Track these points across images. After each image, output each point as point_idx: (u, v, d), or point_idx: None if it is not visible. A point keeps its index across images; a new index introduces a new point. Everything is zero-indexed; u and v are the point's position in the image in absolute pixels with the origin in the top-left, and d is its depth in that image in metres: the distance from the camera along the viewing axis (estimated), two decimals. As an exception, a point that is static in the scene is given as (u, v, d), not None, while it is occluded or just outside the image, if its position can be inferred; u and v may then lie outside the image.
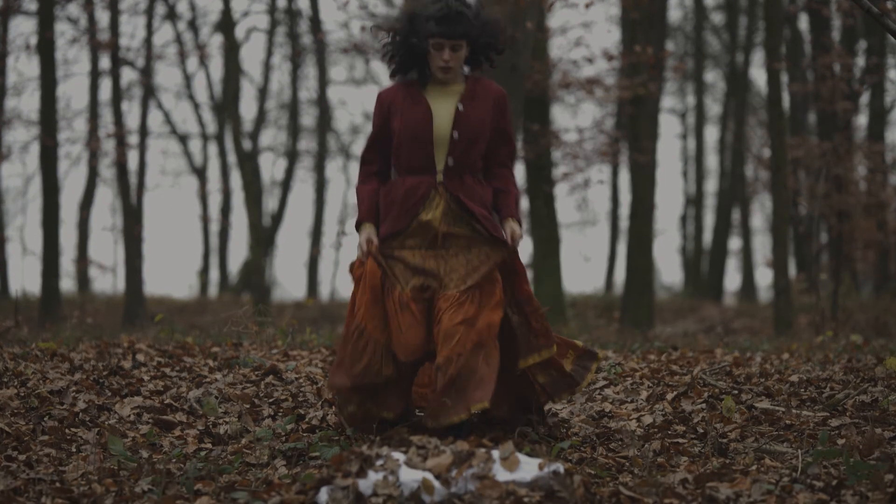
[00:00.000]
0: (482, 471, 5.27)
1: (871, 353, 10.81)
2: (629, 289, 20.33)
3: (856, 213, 23.36)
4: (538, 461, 5.34)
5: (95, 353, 9.53)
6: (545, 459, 5.36)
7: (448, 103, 6.57)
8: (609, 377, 9.21)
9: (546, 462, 5.33)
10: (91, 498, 5.45)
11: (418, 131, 6.50)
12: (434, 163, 6.53)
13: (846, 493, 5.37)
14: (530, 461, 5.36)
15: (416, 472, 5.27)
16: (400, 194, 6.55)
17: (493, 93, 6.63)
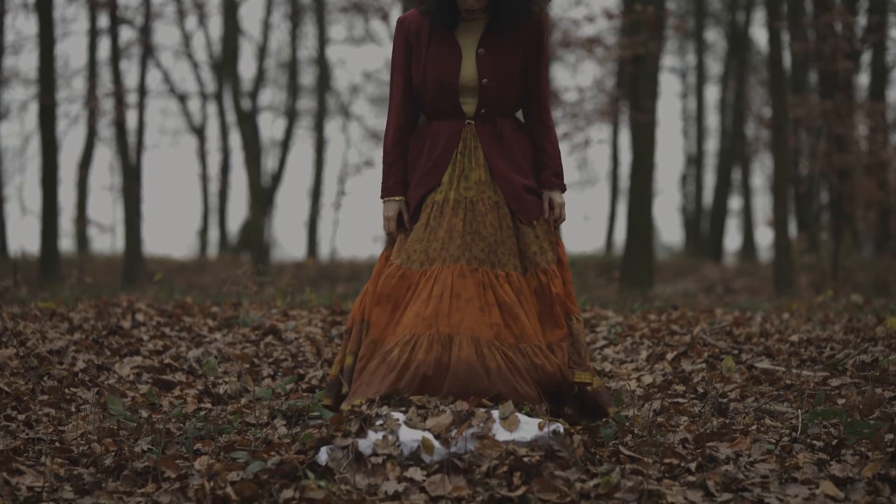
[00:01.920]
0: (482, 430, 5.26)
1: (872, 312, 10.81)
2: (629, 248, 20.32)
3: (857, 173, 23.31)
4: (538, 421, 5.33)
5: (95, 313, 9.52)
6: (545, 419, 5.35)
7: (474, 41, 5.87)
8: (609, 337, 9.21)
9: (546, 422, 5.32)
10: (90, 457, 5.44)
11: (444, 76, 5.83)
12: (462, 111, 5.88)
13: (846, 452, 5.36)
14: (530, 421, 5.35)
15: (416, 432, 5.26)
16: (427, 145, 5.92)
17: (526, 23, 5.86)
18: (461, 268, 5.65)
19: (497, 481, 4.96)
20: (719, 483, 4.93)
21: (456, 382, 5.48)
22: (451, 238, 5.69)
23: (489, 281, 5.66)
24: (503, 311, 5.62)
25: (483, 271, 5.67)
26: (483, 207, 5.74)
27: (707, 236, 35.38)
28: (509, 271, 5.73)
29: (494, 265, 5.70)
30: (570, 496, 4.78)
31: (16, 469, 5.18)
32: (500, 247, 5.74)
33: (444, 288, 5.61)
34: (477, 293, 5.62)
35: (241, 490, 4.81)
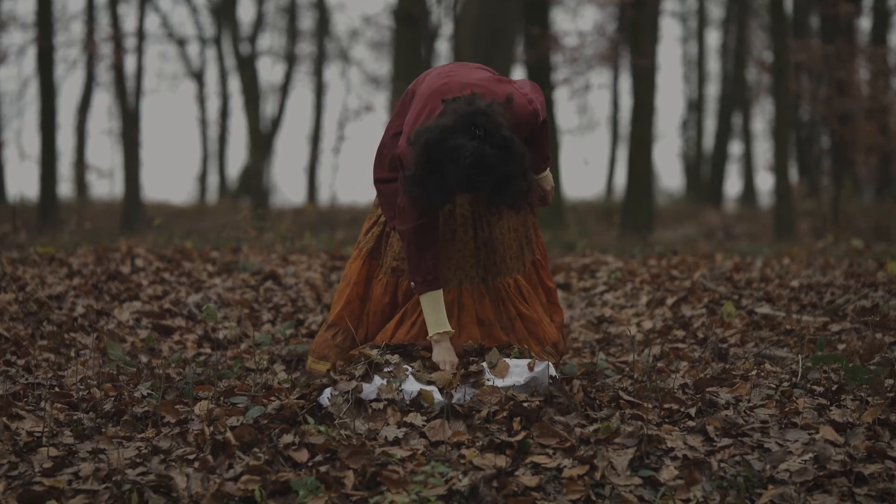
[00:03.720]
0: (478, 381, 5.29)
1: (872, 258, 10.79)
2: (629, 194, 20.27)
3: (858, 117, 23.24)
4: (526, 361, 5.33)
5: (94, 258, 9.50)
6: (532, 360, 5.35)
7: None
8: (609, 282, 9.20)
9: (534, 362, 5.32)
10: (90, 402, 5.45)
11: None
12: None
13: (846, 397, 5.36)
14: (519, 363, 5.35)
15: (419, 384, 5.27)
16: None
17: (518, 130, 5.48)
18: (480, 289, 5.67)
19: (497, 427, 4.96)
20: (719, 428, 4.93)
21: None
22: (465, 257, 5.68)
23: (506, 293, 5.70)
24: (524, 322, 5.72)
25: (497, 284, 5.70)
26: (493, 217, 5.73)
27: (707, 182, 35.31)
28: (517, 277, 5.77)
29: (505, 274, 5.73)
30: (570, 441, 4.78)
31: (15, 414, 5.18)
32: (509, 251, 5.76)
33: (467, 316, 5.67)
34: (497, 314, 5.66)
35: (240, 435, 4.81)
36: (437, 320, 5.49)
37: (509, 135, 5.11)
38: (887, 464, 4.60)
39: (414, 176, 5.21)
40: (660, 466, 4.63)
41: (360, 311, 5.81)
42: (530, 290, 5.83)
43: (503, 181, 5.15)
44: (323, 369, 5.74)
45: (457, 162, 5.06)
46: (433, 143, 5.10)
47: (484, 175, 5.09)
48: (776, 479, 4.50)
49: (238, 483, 4.47)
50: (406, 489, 4.43)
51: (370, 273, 5.85)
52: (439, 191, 5.24)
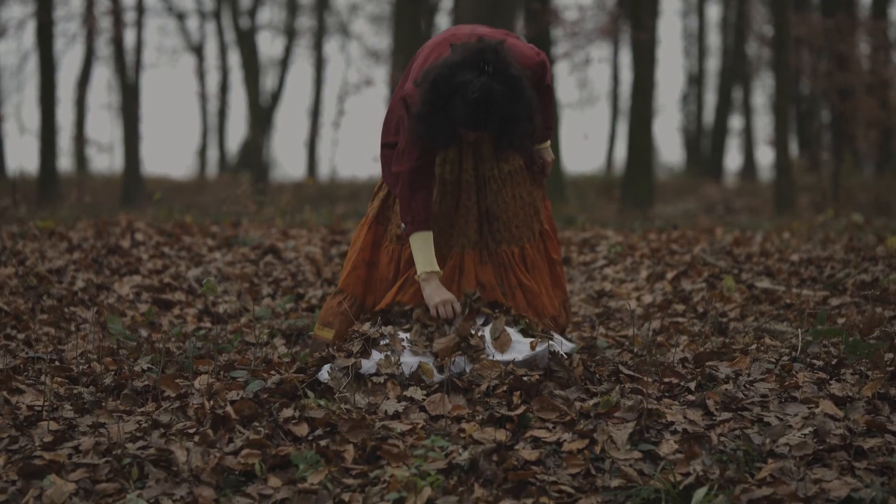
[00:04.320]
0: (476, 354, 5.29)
1: (872, 232, 10.79)
2: (630, 168, 20.26)
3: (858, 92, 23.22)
4: (530, 340, 5.33)
5: (94, 233, 9.50)
6: (536, 338, 5.35)
7: None
8: (609, 256, 9.20)
9: (538, 341, 5.32)
10: (90, 377, 5.45)
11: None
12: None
13: (846, 371, 5.36)
14: (522, 340, 5.35)
15: (418, 357, 5.27)
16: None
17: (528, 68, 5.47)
18: (482, 255, 5.63)
19: (497, 401, 4.97)
20: (719, 402, 4.93)
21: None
22: (468, 223, 5.65)
23: (508, 262, 5.65)
24: (524, 292, 5.67)
25: (500, 252, 5.66)
26: (496, 185, 5.69)
27: (707, 156, 35.28)
28: (523, 245, 5.73)
29: (510, 243, 5.69)
30: (570, 415, 4.78)
31: (16, 388, 5.18)
32: (515, 220, 5.71)
33: (468, 281, 5.60)
34: (498, 280, 5.63)
35: (240, 409, 4.81)
36: (426, 260, 5.48)
37: (518, 74, 5.12)
38: (887, 438, 4.61)
39: (420, 113, 5.23)
40: (660, 440, 4.64)
41: (366, 276, 5.77)
42: (536, 259, 5.79)
43: (509, 120, 5.16)
44: (328, 336, 5.72)
45: (464, 96, 5.07)
46: (441, 78, 5.12)
47: (490, 111, 5.10)
48: (776, 453, 4.50)
49: (238, 457, 4.48)
50: (406, 463, 4.44)
51: (376, 238, 5.81)
52: (445, 129, 5.24)
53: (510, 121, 5.15)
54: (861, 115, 23.02)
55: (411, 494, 4.16)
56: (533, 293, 5.69)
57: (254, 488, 4.30)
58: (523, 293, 5.67)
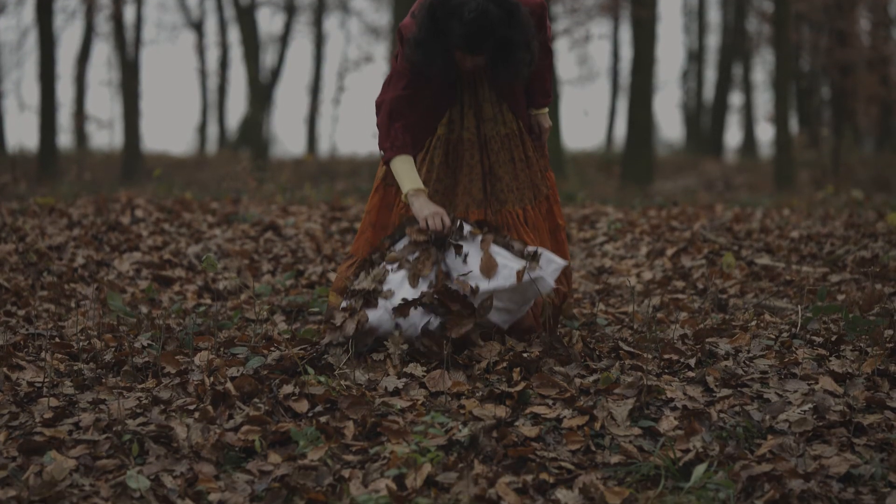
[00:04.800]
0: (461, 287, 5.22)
1: (872, 208, 10.79)
2: (630, 144, 20.25)
3: (858, 68, 23.19)
4: (517, 268, 5.26)
5: (94, 209, 9.50)
6: (523, 268, 5.25)
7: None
8: (609, 233, 9.20)
9: (524, 270, 5.22)
10: (90, 353, 5.45)
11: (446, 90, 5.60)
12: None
13: (845, 348, 5.37)
14: (510, 265, 5.28)
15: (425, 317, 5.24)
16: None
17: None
18: (486, 214, 5.59)
19: (496, 377, 4.97)
20: (718, 379, 4.94)
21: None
22: (472, 181, 5.62)
23: (511, 222, 5.61)
24: None
25: (504, 212, 5.62)
26: (496, 145, 5.65)
27: (707, 132, 35.25)
28: (525, 206, 5.69)
29: (514, 203, 5.65)
30: (570, 392, 4.79)
31: (16, 364, 5.19)
32: (515, 182, 5.67)
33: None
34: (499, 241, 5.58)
35: (240, 385, 4.82)
36: (410, 179, 5.43)
37: (516, 1, 5.16)
38: (886, 414, 4.61)
39: (417, 38, 5.23)
40: (659, 417, 4.64)
41: (374, 238, 5.73)
42: (539, 222, 5.75)
43: (505, 45, 5.17)
44: (340, 302, 5.70)
45: (461, 17, 5.08)
46: (438, 2, 5.15)
47: (486, 32, 5.11)
48: (775, 430, 4.51)
49: (238, 433, 4.48)
50: (406, 439, 4.44)
51: (384, 200, 5.76)
52: (441, 54, 5.24)
53: (507, 46, 5.18)
54: (861, 91, 23.00)
55: (411, 470, 4.17)
56: None
57: (254, 464, 4.31)
58: None
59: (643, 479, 4.26)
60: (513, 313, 5.32)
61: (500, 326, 5.32)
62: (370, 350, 5.26)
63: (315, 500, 4.11)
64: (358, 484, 4.19)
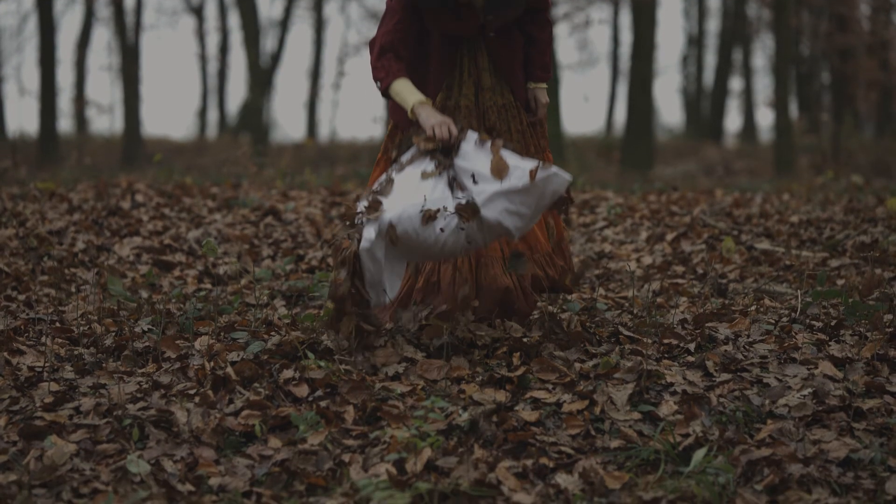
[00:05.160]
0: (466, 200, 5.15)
1: (872, 193, 10.80)
2: (629, 130, 20.24)
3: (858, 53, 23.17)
4: (529, 167, 5.12)
5: (94, 194, 9.50)
6: (537, 165, 5.12)
7: None
8: (609, 218, 9.20)
9: (538, 168, 5.13)
10: (91, 337, 5.46)
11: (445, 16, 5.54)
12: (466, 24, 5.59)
13: (845, 333, 5.37)
14: (521, 165, 5.13)
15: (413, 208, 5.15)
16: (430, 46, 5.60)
17: None
18: None
19: (497, 362, 4.97)
20: (718, 363, 4.94)
21: (488, 301, 5.40)
22: None
23: None
24: None
25: None
26: (494, 115, 5.62)
27: (707, 117, 35.21)
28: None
29: None
30: (570, 376, 4.79)
31: (16, 349, 5.19)
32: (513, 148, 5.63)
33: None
34: None
35: (241, 370, 4.82)
36: (413, 94, 5.34)
37: None
38: (886, 398, 4.62)
39: None
40: (659, 401, 4.65)
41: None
42: None
43: None
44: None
45: None
46: None
47: None
48: (775, 414, 4.52)
49: (238, 418, 4.49)
50: (406, 424, 4.45)
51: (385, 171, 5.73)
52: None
53: None
54: (861, 76, 22.99)
55: (411, 455, 4.18)
56: None
57: (254, 449, 4.32)
58: None
59: (643, 463, 4.27)
60: (525, 219, 5.18)
61: (512, 234, 5.22)
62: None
63: (315, 485, 4.11)
64: (358, 468, 4.19)
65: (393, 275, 5.16)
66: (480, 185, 5.11)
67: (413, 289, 5.48)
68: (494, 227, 5.08)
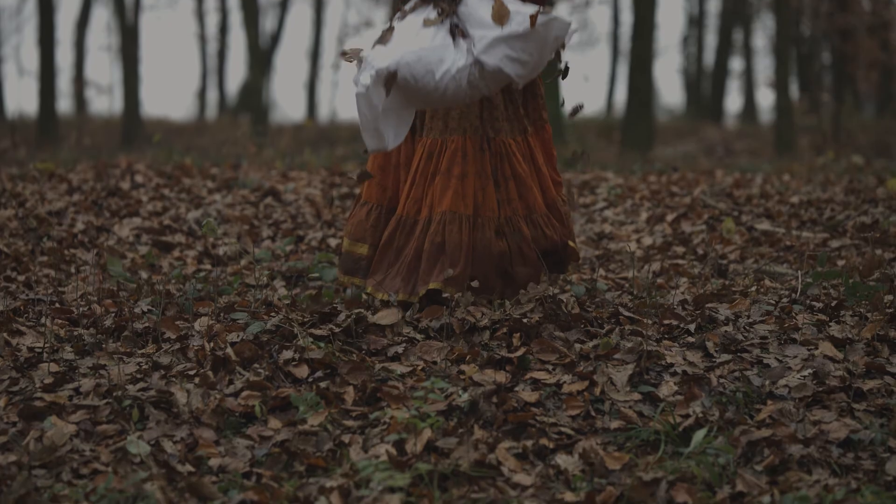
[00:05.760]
0: None
1: (873, 174, 10.78)
2: (630, 110, 20.20)
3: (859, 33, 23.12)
4: (530, 12, 5.09)
5: (93, 175, 9.49)
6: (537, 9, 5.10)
7: None
8: (609, 199, 9.19)
9: (537, 13, 5.07)
10: (90, 318, 5.45)
11: None
12: None
13: (845, 313, 5.37)
14: (522, 10, 5.13)
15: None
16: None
17: None
18: (480, 141, 5.54)
19: (496, 342, 4.97)
20: (718, 344, 4.94)
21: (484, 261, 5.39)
22: (469, 107, 5.55)
23: (505, 152, 5.55)
24: (518, 184, 5.53)
25: (499, 141, 5.57)
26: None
27: (708, 98, 35.17)
28: (517, 137, 5.63)
29: (507, 133, 5.59)
30: (570, 357, 4.79)
31: (16, 330, 5.19)
32: (508, 110, 5.62)
33: (465, 167, 5.49)
34: (492, 171, 5.53)
35: (240, 351, 4.82)
36: None
37: None
38: (886, 379, 4.62)
39: None
40: (659, 382, 4.65)
41: (381, 179, 5.66)
42: (538, 149, 5.69)
43: None
44: (363, 251, 5.64)
45: None
46: None
47: None
48: (775, 395, 4.52)
49: (238, 399, 4.49)
50: (406, 405, 4.45)
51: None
52: None
53: None
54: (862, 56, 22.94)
55: (411, 436, 4.18)
56: (526, 186, 5.56)
57: (254, 430, 4.32)
58: (516, 185, 5.56)
59: (643, 444, 4.27)
60: (527, 67, 5.16)
61: (514, 80, 5.21)
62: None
63: (315, 466, 4.12)
64: (358, 449, 4.20)
65: (401, 121, 5.21)
66: (481, 31, 5.12)
67: (420, 250, 5.46)
68: (495, 73, 5.12)
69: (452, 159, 5.47)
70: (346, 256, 5.67)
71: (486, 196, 5.44)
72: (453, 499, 3.86)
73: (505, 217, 5.45)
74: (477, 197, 5.42)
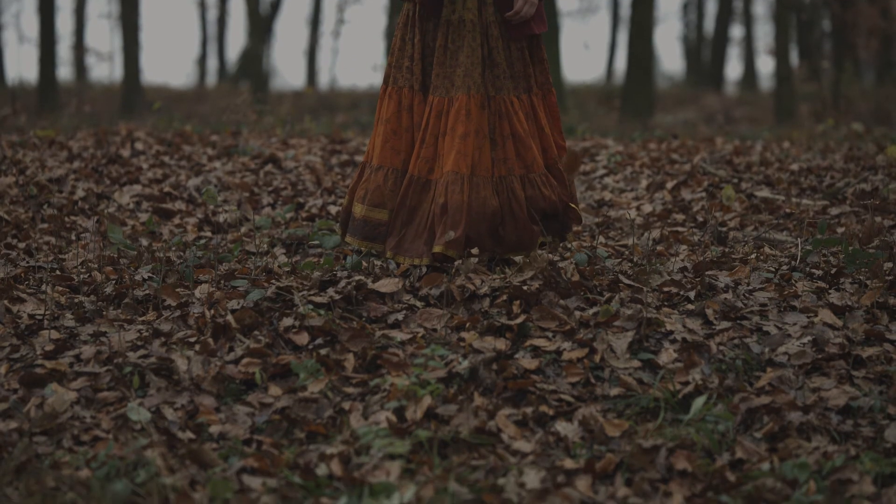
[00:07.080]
0: None
1: (872, 141, 10.77)
2: (630, 77, 20.16)
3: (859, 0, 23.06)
4: None
5: (94, 142, 9.48)
6: None
7: None
8: (609, 166, 9.18)
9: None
10: (91, 286, 5.46)
11: None
12: None
13: (845, 281, 5.37)
14: None
15: None
16: None
17: None
18: (481, 99, 5.52)
19: (496, 310, 4.97)
20: (718, 311, 4.95)
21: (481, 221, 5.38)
22: (473, 64, 5.54)
23: (505, 110, 5.54)
24: (516, 142, 5.52)
25: (500, 99, 5.55)
26: (495, 31, 5.59)
27: (708, 65, 35.10)
28: (521, 95, 5.62)
29: (510, 91, 5.58)
30: (570, 324, 4.80)
31: (16, 297, 5.20)
32: (512, 69, 5.60)
33: (468, 126, 5.47)
34: (490, 128, 5.51)
35: (241, 318, 4.83)
36: None
37: None
38: (885, 347, 4.63)
39: None
40: (659, 349, 4.66)
41: (395, 143, 5.64)
42: (540, 109, 5.68)
43: None
44: (383, 217, 5.62)
45: None
46: None
47: None
48: (775, 362, 4.53)
49: (238, 366, 4.50)
50: (406, 372, 4.46)
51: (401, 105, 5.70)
52: None
53: None
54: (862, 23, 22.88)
55: (411, 403, 4.19)
56: (525, 145, 5.54)
57: (254, 397, 4.33)
58: (514, 143, 5.55)
59: (642, 411, 4.28)
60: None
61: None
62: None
63: (315, 433, 4.13)
64: (358, 416, 4.21)
65: None
66: None
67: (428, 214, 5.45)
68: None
69: (457, 118, 5.45)
70: (363, 223, 5.62)
71: (482, 155, 5.43)
72: (453, 465, 3.87)
73: (499, 176, 5.44)
74: (474, 156, 5.41)
